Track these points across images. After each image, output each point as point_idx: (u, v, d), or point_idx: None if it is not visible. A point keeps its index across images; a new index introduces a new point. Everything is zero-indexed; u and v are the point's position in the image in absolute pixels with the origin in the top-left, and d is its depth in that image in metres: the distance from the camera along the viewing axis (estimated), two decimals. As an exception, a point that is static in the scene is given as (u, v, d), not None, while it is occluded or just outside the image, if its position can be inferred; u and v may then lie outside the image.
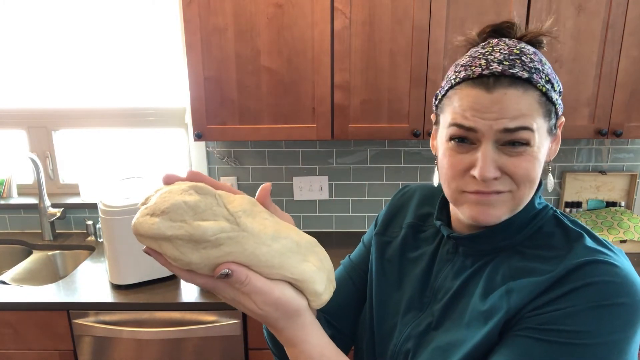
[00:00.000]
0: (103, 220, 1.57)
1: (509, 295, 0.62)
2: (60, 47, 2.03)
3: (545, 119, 0.63)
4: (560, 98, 0.66)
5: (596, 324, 0.56)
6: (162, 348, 1.59)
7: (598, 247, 0.62)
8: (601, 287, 0.57)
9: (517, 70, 0.61)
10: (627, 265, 0.60)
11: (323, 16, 1.57)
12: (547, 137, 0.64)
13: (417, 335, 0.71)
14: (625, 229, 1.87)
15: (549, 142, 0.65)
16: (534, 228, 0.67)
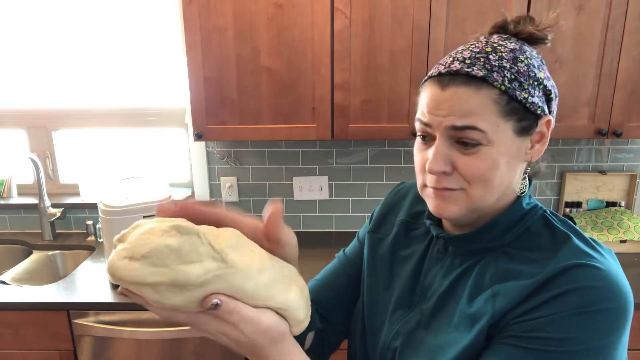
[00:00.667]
0: (103, 220, 1.57)
1: (494, 298, 0.62)
2: (60, 47, 2.03)
3: (507, 119, 0.61)
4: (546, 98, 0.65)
5: (581, 330, 0.56)
6: (162, 348, 1.59)
7: (585, 249, 0.61)
8: (585, 292, 0.56)
9: (473, 69, 0.61)
10: (614, 268, 0.59)
11: (323, 16, 1.57)
12: (517, 138, 0.63)
13: (405, 333, 0.71)
14: (625, 229, 1.87)
15: (521, 142, 0.63)
16: (522, 229, 0.67)
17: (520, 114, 0.62)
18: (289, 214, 2.14)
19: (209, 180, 2.10)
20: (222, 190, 2.11)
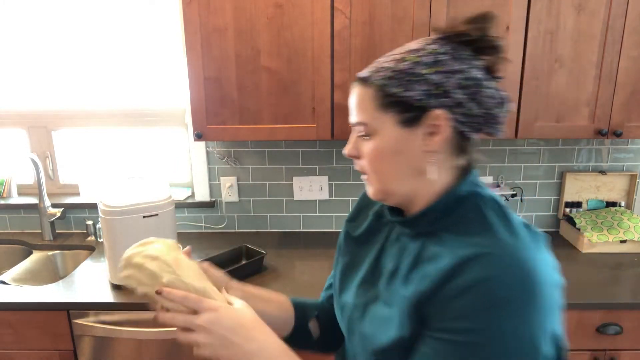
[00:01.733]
0: (103, 220, 1.57)
1: (420, 280, 0.66)
2: (60, 47, 2.03)
3: (386, 111, 0.69)
4: (437, 93, 0.67)
5: (496, 320, 0.58)
6: (162, 348, 1.59)
7: (504, 236, 0.64)
8: (496, 282, 0.59)
9: (362, 72, 0.73)
10: (529, 255, 0.61)
11: (323, 16, 1.57)
12: (403, 129, 0.69)
13: (361, 305, 0.79)
14: (625, 229, 1.87)
15: (410, 133, 0.69)
16: (458, 215, 0.70)
17: (400, 106, 0.68)
18: (289, 214, 2.14)
19: (209, 180, 2.10)
20: (222, 190, 2.11)
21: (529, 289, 0.59)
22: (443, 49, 0.69)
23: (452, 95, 0.67)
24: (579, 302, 1.52)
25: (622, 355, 1.59)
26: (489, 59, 0.70)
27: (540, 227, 2.13)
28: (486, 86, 0.69)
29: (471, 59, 0.69)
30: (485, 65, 0.70)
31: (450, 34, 0.70)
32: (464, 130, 0.70)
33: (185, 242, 2.05)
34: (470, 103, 0.68)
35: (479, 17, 0.70)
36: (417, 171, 0.71)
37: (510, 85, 1.62)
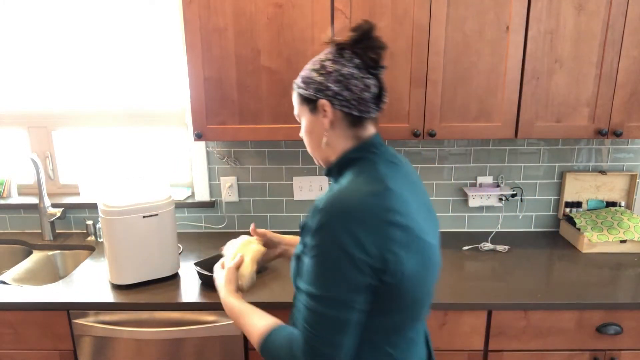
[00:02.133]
0: (103, 220, 1.57)
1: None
2: (60, 47, 2.03)
3: (302, 105, 1.01)
4: (320, 89, 0.96)
5: (322, 238, 0.85)
6: (162, 348, 1.59)
7: (347, 183, 0.91)
8: (322, 213, 0.86)
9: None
10: (348, 194, 0.87)
11: (323, 16, 1.57)
12: (312, 115, 1.00)
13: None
14: (625, 229, 1.87)
15: (316, 117, 0.99)
16: (348, 170, 0.98)
17: (306, 101, 1.00)
18: (289, 214, 2.14)
19: (209, 180, 2.10)
20: (222, 190, 2.11)
21: (339, 217, 0.85)
22: (327, 57, 0.97)
23: (331, 88, 0.95)
24: (579, 302, 1.52)
25: (622, 355, 1.59)
26: (367, 55, 0.94)
27: (540, 227, 2.13)
28: (355, 77, 0.94)
29: (348, 60, 0.95)
30: (361, 61, 0.95)
31: (335, 43, 0.97)
32: (345, 111, 0.96)
33: (185, 242, 2.05)
34: (345, 92, 0.95)
35: (356, 27, 0.95)
36: (322, 141, 1.01)
37: (510, 85, 1.62)
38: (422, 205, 0.97)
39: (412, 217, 0.90)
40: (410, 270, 0.88)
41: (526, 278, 1.68)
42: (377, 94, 0.97)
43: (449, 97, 1.64)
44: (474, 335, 1.57)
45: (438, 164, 2.06)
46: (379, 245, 0.85)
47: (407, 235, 0.88)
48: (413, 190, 0.97)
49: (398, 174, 0.96)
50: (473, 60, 1.61)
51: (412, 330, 0.98)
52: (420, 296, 0.93)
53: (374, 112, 0.99)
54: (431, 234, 0.96)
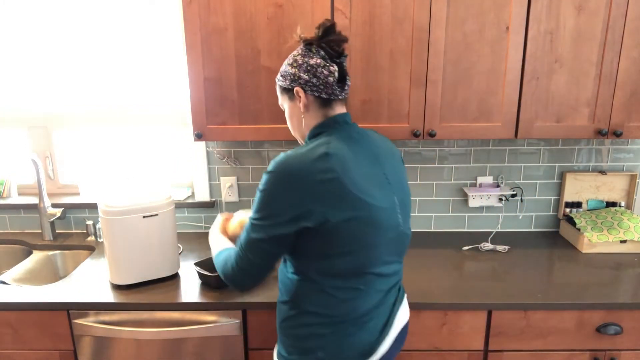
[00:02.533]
0: (103, 220, 1.57)
1: None
2: (60, 47, 2.03)
3: (283, 94, 1.24)
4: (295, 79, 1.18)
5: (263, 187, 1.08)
6: (162, 348, 1.59)
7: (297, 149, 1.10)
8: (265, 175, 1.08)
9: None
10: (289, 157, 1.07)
11: (323, 16, 1.57)
12: (291, 102, 1.23)
13: None
14: (625, 229, 1.87)
15: (294, 103, 1.22)
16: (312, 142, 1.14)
17: (285, 90, 1.23)
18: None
19: (209, 180, 2.10)
20: (222, 190, 2.11)
21: (273, 177, 1.07)
22: (298, 52, 1.19)
23: (303, 77, 1.17)
24: (579, 302, 1.52)
25: (622, 355, 1.59)
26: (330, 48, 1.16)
27: (540, 227, 2.13)
28: (321, 66, 1.16)
29: (315, 53, 1.17)
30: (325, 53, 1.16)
31: (303, 40, 1.19)
32: (316, 95, 1.17)
33: (185, 242, 2.05)
34: (314, 79, 1.16)
35: (319, 25, 1.16)
36: (301, 122, 1.23)
37: (510, 85, 1.62)
38: (376, 175, 1.15)
39: (352, 180, 1.07)
40: (338, 220, 1.05)
41: (526, 278, 1.68)
42: (341, 78, 1.18)
43: (449, 97, 1.64)
44: (474, 335, 1.57)
45: (438, 164, 2.06)
46: (306, 197, 1.04)
47: (339, 192, 1.05)
48: (367, 161, 1.15)
49: (353, 147, 1.14)
50: (473, 60, 1.61)
51: (359, 282, 1.13)
52: (358, 248, 1.10)
53: (340, 95, 1.19)
54: (379, 198, 1.12)
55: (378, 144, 1.22)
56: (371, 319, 1.17)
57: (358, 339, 1.15)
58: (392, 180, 1.19)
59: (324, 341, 1.14)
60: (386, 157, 1.22)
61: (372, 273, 1.15)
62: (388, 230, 1.15)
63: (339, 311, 1.13)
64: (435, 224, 2.14)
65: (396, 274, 1.24)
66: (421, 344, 1.59)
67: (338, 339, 1.14)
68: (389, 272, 1.20)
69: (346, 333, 1.14)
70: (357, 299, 1.14)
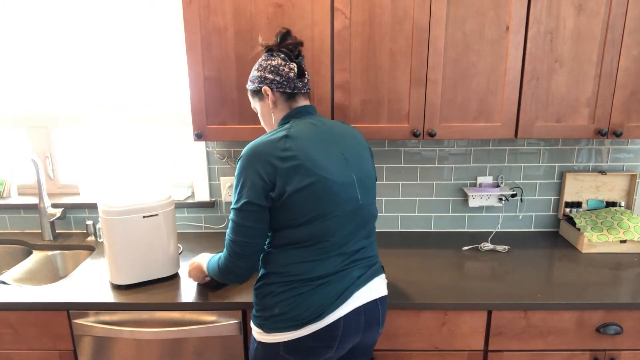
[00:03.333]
0: (103, 220, 1.57)
1: None
2: (60, 47, 2.03)
3: (254, 97, 1.40)
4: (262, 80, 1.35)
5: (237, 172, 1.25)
6: (162, 348, 1.59)
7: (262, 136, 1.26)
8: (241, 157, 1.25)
9: None
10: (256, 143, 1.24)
11: (323, 16, 1.57)
12: (260, 102, 1.39)
13: None
14: (625, 229, 1.87)
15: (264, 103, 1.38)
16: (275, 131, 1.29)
17: (255, 93, 1.39)
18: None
19: (209, 180, 2.10)
20: (222, 190, 2.11)
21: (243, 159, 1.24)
22: (262, 58, 1.37)
23: (267, 76, 1.34)
24: (579, 302, 1.52)
25: (622, 355, 1.59)
26: (288, 50, 1.35)
27: (540, 227, 2.13)
28: (282, 65, 1.33)
29: (276, 56, 1.35)
30: (285, 55, 1.34)
31: (265, 47, 1.37)
32: (281, 91, 1.34)
33: (185, 242, 2.05)
34: (277, 77, 1.33)
35: (277, 33, 1.36)
36: (272, 119, 1.38)
37: (510, 85, 1.62)
38: (334, 154, 1.28)
39: (308, 156, 1.21)
40: (294, 190, 1.20)
41: (526, 278, 1.68)
42: (300, 74, 1.34)
43: (449, 97, 1.64)
44: (474, 335, 1.57)
45: (438, 164, 2.06)
46: (270, 173, 1.20)
47: (296, 167, 1.20)
48: (325, 143, 1.28)
49: (311, 130, 1.28)
50: (473, 60, 1.61)
51: (317, 248, 1.25)
52: (315, 217, 1.23)
53: (303, 89, 1.35)
54: (335, 173, 1.25)
55: (340, 130, 1.35)
56: (326, 283, 1.25)
57: (310, 299, 1.23)
58: (350, 160, 1.31)
59: (280, 298, 1.25)
60: (346, 141, 1.34)
61: (328, 243, 1.26)
62: (345, 202, 1.27)
63: (295, 271, 1.25)
64: (435, 224, 2.14)
65: (363, 252, 1.33)
66: (421, 344, 1.59)
67: (291, 297, 1.24)
68: (350, 246, 1.30)
69: (299, 292, 1.24)
70: (311, 263, 1.25)
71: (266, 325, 1.26)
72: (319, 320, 1.22)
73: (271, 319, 1.25)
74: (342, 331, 1.26)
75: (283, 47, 1.35)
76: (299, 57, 1.37)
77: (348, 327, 1.27)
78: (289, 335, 1.23)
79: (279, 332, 1.24)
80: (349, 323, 1.27)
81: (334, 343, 1.25)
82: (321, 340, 1.24)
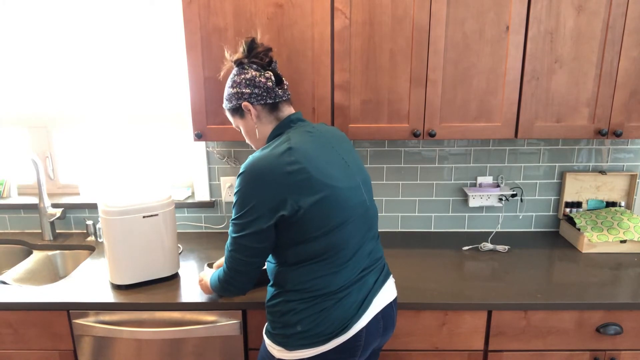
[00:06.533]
0: (103, 221, 1.57)
1: None
2: (60, 47, 2.03)
3: (235, 116, 1.34)
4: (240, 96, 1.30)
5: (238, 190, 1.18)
6: (162, 348, 1.59)
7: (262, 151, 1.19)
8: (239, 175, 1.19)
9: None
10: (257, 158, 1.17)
11: (323, 16, 1.57)
12: (241, 119, 1.33)
13: None
14: (625, 229, 1.87)
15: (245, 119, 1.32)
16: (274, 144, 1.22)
17: (233, 111, 1.34)
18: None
19: (209, 180, 2.10)
20: (222, 190, 2.11)
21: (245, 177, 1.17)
22: (233, 74, 1.32)
23: (244, 91, 1.29)
24: (579, 302, 1.52)
25: (622, 355, 1.59)
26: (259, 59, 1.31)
27: (540, 227, 2.13)
28: (258, 77, 1.28)
29: (248, 68, 1.30)
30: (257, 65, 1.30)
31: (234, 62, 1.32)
32: (262, 102, 1.28)
33: (185, 242, 2.05)
34: (255, 89, 1.28)
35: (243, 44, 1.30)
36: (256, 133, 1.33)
37: (510, 85, 1.62)
38: (336, 161, 1.25)
39: (316, 167, 1.17)
40: (308, 205, 1.14)
41: (526, 278, 1.68)
42: (278, 81, 1.31)
43: (449, 97, 1.64)
44: (474, 335, 1.58)
45: (438, 164, 2.06)
46: (279, 189, 1.14)
47: (306, 180, 1.14)
48: (325, 149, 1.24)
49: (309, 139, 1.23)
50: (473, 60, 1.61)
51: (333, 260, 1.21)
52: (329, 229, 1.18)
53: (284, 96, 1.31)
54: (342, 179, 1.22)
55: (332, 134, 1.34)
56: (347, 295, 1.22)
57: (334, 313, 1.21)
58: (350, 163, 1.30)
59: (302, 315, 1.21)
60: (340, 144, 1.32)
61: (344, 252, 1.22)
62: (355, 208, 1.24)
63: (315, 287, 1.21)
64: (435, 224, 2.14)
65: (373, 254, 1.31)
66: (421, 344, 1.59)
67: (314, 313, 1.20)
68: (363, 251, 1.27)
69: (322, 308, 1.21)
70: (330, 275, 1.21)
71: (289, 343, 1.22)
72: (344, 333, 1.21)
73: (294, 336, 1.22)
74: (365, 339, 1.25)
75: (253, 58, 1.30)
76: (272, 64, 1.32)
77: (370, 335, 1.26)
78: (314, 351, 1.21)
79: (303, 349, 1.21)
80: (371, 330, 1.26)
81: (358, 352, 1.24)
82: (346, 352, 1.23)
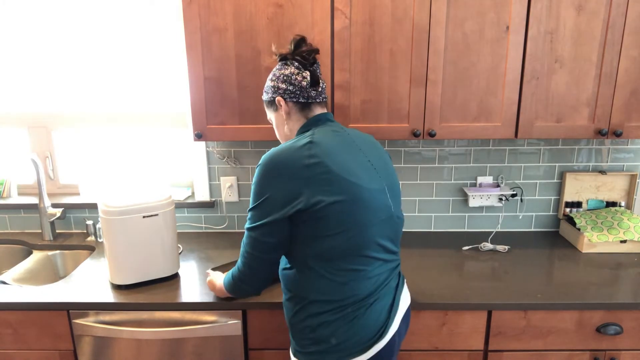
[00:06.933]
0: (103, 221, 1.57)
1: None
2: (60, 47, 2.03)
3: (269, 108, 1.35)
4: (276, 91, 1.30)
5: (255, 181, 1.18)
6: (162, 348, 1.59)
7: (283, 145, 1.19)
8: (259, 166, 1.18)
9: None
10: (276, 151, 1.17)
11: (323, 16, 1.57)
12: (275, 112, 1.33)
13: None
14: (625, 229, 1.87)
15: (278, 113, 1.33)
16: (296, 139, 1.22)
17: (269, 104, 1.34)
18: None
19: (209, 180, 2.10)
20: (222, 190, 2.11)
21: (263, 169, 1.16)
22: (276, 67, 1.32)
23: (280, 86, 1.29)
24: (579, 302, 1.52)
25: (622, 355, 1.59)
26: (303, 58, 1.28)
27: (540, 227, 2.13)
28: (295, 74, 1.28)
29: (290, 64, 1.29)
30: (299, 63, 1.28)
31: (279, 56, 1.32)
32: (294, 100, 1.28)
33: (185, 242, 2.05)
34: (290, 86, 1.27)
35: (291, 41, 1.30)
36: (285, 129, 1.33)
37: (510, 85, 1.62)
38: (360, 161, 1.21)
39: (336, 163, 1.14)
40: (327, 201, 1.11)
41: (526, 278, 1.68)
42: (314, 83, 1.28)
43: (449, 97, 1.64)
44: (474, 335, 1.58)
45: (438, 164, 2.06)
46: (295, 182, 1.12)
47: (325, 174, 1.12)
48: (350, 149, 1.22)
49: (334, 136, 1.22)
50: (473, 60, 1.61)
51: (355, 264, 1.17)
52: (348, 228, 1.14)
53: (317, 98, 1.29)
54: (365, 179, 1.18)
55: (362, 138, 1.31)
56: (376, 300, 1.19)
57: (367, 320, 1.17)
58: (377, 166, 1.26)
59: (334, 327, 1.16)
60: (369, 148, 1.29)
61: (367, 255, 1.18)
62: (378, 211, 1.19)
63: (342, 295, 1.16)
64: (435, 224, 2.14)
65: (394, 260, 1.28)
66: (421, 344, 1.59)
67: (347, 323, 1.16)
68: (385, 255, 1.23)
69: (354, 316, 1.16)
70: (356, 281, 1.17)
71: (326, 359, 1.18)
72: (382, 339, 1.19)
73: (329, 351, 1.17)
74: (397, 343, 1.25)
75: (297, 55, 1.29)
76: (314, 65, 1.30)
77: (399, 338, 1.27)
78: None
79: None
80: (400, 333, 1.27)
81: (392, 356, 1.23)
82: (384, 358, 1.20)
